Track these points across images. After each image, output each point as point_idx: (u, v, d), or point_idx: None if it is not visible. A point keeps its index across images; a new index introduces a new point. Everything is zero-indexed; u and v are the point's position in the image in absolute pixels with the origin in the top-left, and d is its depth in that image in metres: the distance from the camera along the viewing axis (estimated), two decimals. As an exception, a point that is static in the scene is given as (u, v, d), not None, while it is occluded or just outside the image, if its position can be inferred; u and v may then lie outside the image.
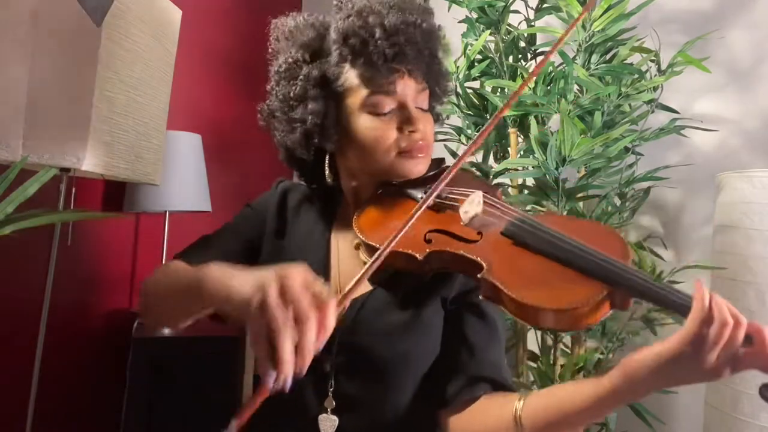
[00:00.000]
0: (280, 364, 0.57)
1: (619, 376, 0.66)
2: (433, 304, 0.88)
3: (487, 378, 0.83)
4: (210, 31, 2.37)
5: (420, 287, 0.87)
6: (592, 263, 0.68)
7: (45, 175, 1.09)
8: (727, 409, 1.30)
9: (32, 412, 1.42)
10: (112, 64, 1.31)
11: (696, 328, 0.60)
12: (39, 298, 1.43)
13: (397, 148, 0.87)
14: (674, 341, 0.62)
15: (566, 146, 1.31)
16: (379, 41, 0.83)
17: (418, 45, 0.85)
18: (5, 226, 1.03)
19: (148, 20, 1.43)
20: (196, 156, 2.10)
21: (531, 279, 0.71)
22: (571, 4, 1.39)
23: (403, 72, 0.86)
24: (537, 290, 0.69)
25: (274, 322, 0.58)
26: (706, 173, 1.60)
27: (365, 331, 0.85)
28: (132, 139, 1.41)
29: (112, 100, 1.32)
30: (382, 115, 0.87)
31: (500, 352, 0.87)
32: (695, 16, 1.72)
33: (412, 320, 0.85)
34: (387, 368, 0.85)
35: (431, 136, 0.91)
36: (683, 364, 0.62)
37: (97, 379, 2.00)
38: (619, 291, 0.67)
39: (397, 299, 0.87)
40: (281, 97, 0.91)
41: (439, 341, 0.88)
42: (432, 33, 0.89)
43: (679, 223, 1.73)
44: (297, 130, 0.89)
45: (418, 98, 0.89)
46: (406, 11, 0.86)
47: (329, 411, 0.85)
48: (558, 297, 0.67)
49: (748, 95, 1.63)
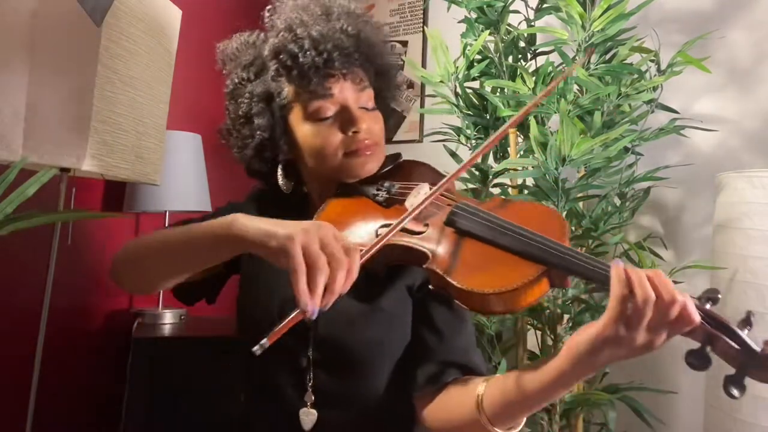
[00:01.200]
0: (314, 296, 0.65)
1: (564, 358, 0.68)
2: (396, 292, 0.91)
3: (456, 363, 0.85)
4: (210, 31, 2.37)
5: (382, 278, 0.90)
6: (525, 245, 0.72)
7: (45, 175, 1.09)
8: (727, 409, 1.30)
9: (32, 412, 1.42)
10: (112, 64, 1.31)
11: (617, 306, 0.63)
12: (39, 298, 1.43)
13: (343, 150, 0.90)
14: (603, 321, 0.64)
15: (566, 146, 1.31)
16: (308, 51, 0.87)
17: (347, 49, 0.89)
18: (5, 226, 1.03)
19: (148, 20, 1.43)
20: (196, 156, 2.10)
21: (470, 265, 0.74)
22: (570, 5, 1.39)
23: (338, 76, 0.89)
24: (476, 276, 0.72)
25: (314, 263, 0.67)
26: (706, 173, 1.60)
27: (333, 325, 0.88)
28: (132, 139, 1.41)
29: (112, 100, 1.32)
30: (325, 120, 0.90)
31: (469, 337, 0.90)
32: (695, 16, 1.72)
33: (374, 309, 0.89)
34: (357, 358, 0.88)
35: (379, 134, 0.94)
36: (617, 341, 0.64)
37: (97, 379, 2.00)
38: (554, 270, 0.70)
39: (361, 291, 0.88)
40: (232, 116, 0.97)
41: (408, 329, 0.91)
42: (361, 35, 0.92)
43: (679, 223, 1.73)
44: (249, 145, 0.95)
45: (361, 98, 0.92)
46: (333, 18, 0.91)
47: (309, 405, 0.88)
48: (495, 280, 0.70)
49: (748, 95, 1.63)
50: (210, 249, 0.81)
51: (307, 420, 0.88)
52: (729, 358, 0.63)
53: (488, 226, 0.76)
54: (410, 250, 0.79)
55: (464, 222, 0.79)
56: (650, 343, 0.64)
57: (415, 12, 2.50)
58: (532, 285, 0.70)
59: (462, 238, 0.78)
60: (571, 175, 1.49)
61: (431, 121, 2.33)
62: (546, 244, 0.71)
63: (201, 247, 0.82)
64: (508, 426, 0.77)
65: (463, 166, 0.87)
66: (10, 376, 1.66)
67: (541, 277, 0.70)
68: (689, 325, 0.62)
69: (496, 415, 0.76)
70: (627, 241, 1.53)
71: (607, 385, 1.54)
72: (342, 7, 0.94)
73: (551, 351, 1.49)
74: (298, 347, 0.89)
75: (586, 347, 0.66)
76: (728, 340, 0.62)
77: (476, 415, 0.77)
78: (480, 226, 0.77)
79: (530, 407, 0.74)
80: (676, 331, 0.63)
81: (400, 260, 0.82)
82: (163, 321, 1.98)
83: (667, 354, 1.70)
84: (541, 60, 1.63)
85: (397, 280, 0.91)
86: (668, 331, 0.63)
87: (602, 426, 1.55)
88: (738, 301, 1.28)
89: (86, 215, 1.82)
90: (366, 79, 0.93)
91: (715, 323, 0.63)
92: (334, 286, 0.67)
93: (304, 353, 0.89)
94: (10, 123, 1.17)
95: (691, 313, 0.62)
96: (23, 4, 1.19)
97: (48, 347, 1.45)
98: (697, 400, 1.48)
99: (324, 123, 0.90)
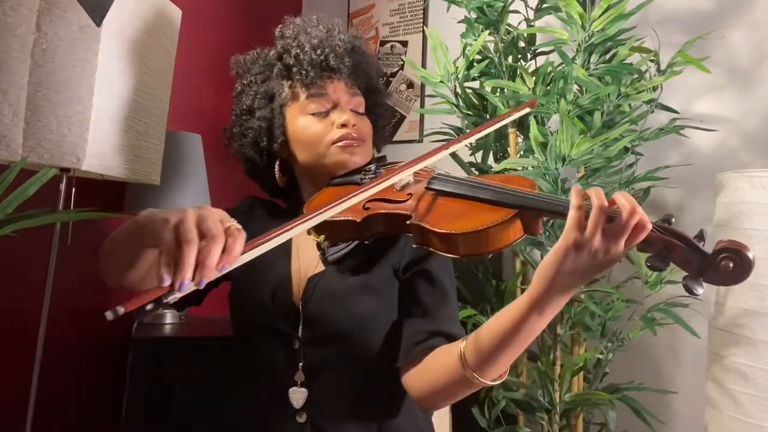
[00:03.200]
0: (180, 269, 0.62)
1: (535, 282, 0.73)
2: (383, 271, 0.97)
3: (442, 332, 0.90)
4: (210, 31, 2.37)
5: (368, 258, 0.97)
6: (497, 195, 0.81)
7: (45, 175, 1.09)
8: (727, 409, 1.30)
9: (32, 412, 1.42)
10: (112, 63, 1.31)
11: (574, 213, 0.68)
12: (39, 298, 1.43)
13: (331, 139, 1.00)
14: (564, 231, 0.69)
15: (566, 146, 1.31)
16: (308, 53, 1.01)
17: (342, 54, 1.03)
18: (5, 226, 1.03)
19: (148, 20, 1.43)
20: (196, 156, 2.10)
21: (450, 215, 0.82)
22: (570, 5, 1.39)
23: (332, 76, 1.02)
24: (455, 222, 0.80)
25: (184, 236, 0.64)
26: (706, 173, 1.60)
27: (323, 303, 0.94)
28: (132, 139, 1.41)
29: (112, 100, 1.32)
30: (319, 115, 1.02)
31: (452, 310, 0.96)
32: (695, 16, 1.72)
33: (362, 285, 0.95)
34: (346, 333, 0.93)
35: (366, 133, 1.05)
36: (577, 247, 0.69)
37: (97, 379, 2.00)
38: (524, 211, 0.78)
39: (348, 271, 0.97)
40: (237, 113, 1.09)
41: (395, 307, 0.97)
42: (355, 48, 1.06)
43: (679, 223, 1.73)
44: (248, 135, 1.06)
45: (352, 101, 1.05)
46: (333, 33, 1.05)
47: (299, 384, 0.93)
48: (472, 222, 0.78)
49: (748, 95, 1.63)
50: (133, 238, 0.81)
51: (296, 398, 0.92)
52: (686, 264, 0.71)
53: (464, 184, 0.86)
54: (394, 216, 0.87)
55: (442, 184, 0.88)
56: (609, 250, 0.68)
57: (415, 12, 2.50)
58: (506, 225, 0.77)
59: (441, 197, 0.87)
60: (571, 175, 1.49)
61: (431, 121, 2.33)
62: (515, 191, 0.80)
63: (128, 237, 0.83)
64: (495, 375, 0.80)
65: (443, 146, 0.92)
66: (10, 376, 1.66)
67: (513, 218, 0.77)
68: (643, 229, 0.68)
69: (480, 364, 0.79)
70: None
71: (607, 385, 1.54)
72: (342, 27, 1.07)
73: (551, 351, 1.50)
74: (289, 329, 0.94)
75: (550, 260, 0.71)
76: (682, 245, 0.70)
77: (461, 370, 0.80)
78: (457, 186, 0.87)
79: (512, 346, 0.77)
80: (633, 237, 0.68)
81: (386, 230, 0.89)
82: (163, 321, 1.98)
83: (667, 354, 1.70)
84: (541, 60, 1.63)
85: (384, 261, 0.98)
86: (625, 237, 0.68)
87: (602, 426, 1.55)
88: (738, 301, 1.28)
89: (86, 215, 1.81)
90: (357, 88, 1.06)
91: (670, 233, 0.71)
92: (206, 260, 0.64)
93: (294, 334, 0.94)
94: (10, 123, 1.17)
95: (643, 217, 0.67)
96: (24, 4, 1.19)
97: (48, 347, 1.45)
98: (697, 400, 1.48)
99: (319, 117, 1.02)
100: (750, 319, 1.27)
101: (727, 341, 1.31)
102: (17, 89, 1.18)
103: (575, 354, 1.52)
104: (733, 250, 0.68)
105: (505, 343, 0.76)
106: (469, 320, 1.53)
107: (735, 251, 0.68)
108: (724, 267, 0.68)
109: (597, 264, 0.69)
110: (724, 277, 0.69)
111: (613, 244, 0.68)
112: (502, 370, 0.81)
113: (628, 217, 0.67)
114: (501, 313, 0.78)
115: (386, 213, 0.88)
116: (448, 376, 0.83)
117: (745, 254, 0.68)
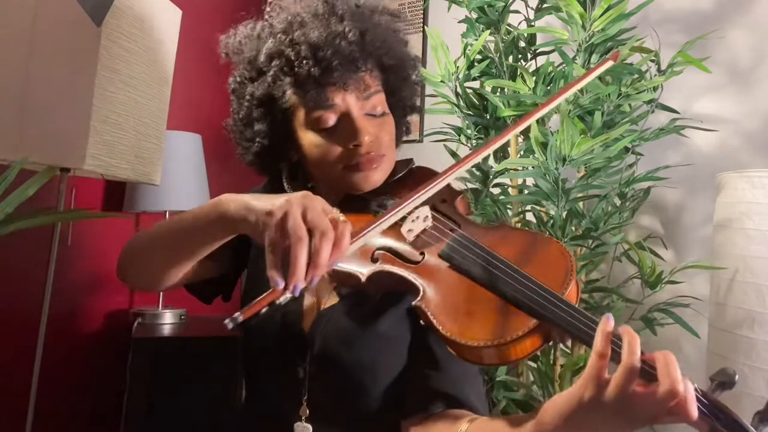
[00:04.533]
0: (294, 271, 0.59)
1: (545, 414, 0.62)
2: (396, 314, 0.85)
3: (446, 394, 0.80)
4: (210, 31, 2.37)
5: (384, 297, 0.85)
6: (520, 295, 0.65)
7: (45, 175, 1.09)
8: (727, 409, 1.30)
9: (32, 412, 1.42)
10: (112, 64, 1.31)
11: (595, 362, 0.55)
12: (39, 298, 1.43)
13: (344, 163, 0.84)
14: (581, 380, 0.57)
15: (566, 146, 1.31)
16: (305, 60, 0.81)
17: (348, 56, 0.81)
18: (5, 226, 1.03)
19: (148, 20, 1.43)
20: (196, 156, 2.10)
21: (458, 309, 0.68)
22: (570, 4, 1.39)
23: (338, 85, 0.82)
24: (460, 323, 0.66)
25: (294, 233, 0.61)
26: (706, 173, 1.60)
27: (331, 340, 0.85)
28: (132, 139, 1.41)
29: (112, 100, 1.32)
30: (328, 130, 0.84)
31: (466, 370, 0.83)
32: (695, 16, 1.71)
33: (371, 330, 0.84)
34: (350, 378, 0.84)
35: (387, 143, 0.87)
36: (594, 406, 0.56)
37: (97, 379, 2.00)
38: (547, 324, 0.63)
39: (360, 309, 0.86)
40: (234, 118, 0.92)
41: (405, 352, 0.86)
42: (366, 36, 0.84)
43: (679, 223, 1.73)
44: (250, 150, 0.91)
45: (367, 105, 0.86)
46: (335, 19, 0.83)
47: (303, 419, 0.85)
48: (482, 331, 0.65)
49: (748, 95, 1.63)
50: (202, 231, 0.77)
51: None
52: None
53: (484, 266, 0.70)
54: (403, 280, 0.74)
55: (460, 258, 0.73)
56: (634, 420, 0.55)
57: (416, 12, 2.50)
58: (523, 339, 0.63)
59: (455, 275, 0.72)
60: (571, 175, 1.49)
61: (431, 121, 2.33)
62: (543, 297, 0.63)
63: (194, 230, 0.78)
64: None
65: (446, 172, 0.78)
66: (10, 375, 1.66)
67: (532, 332, 0.64)
68: (685, 419, 0.54)
69: None
70: (627, 241, 1.53)
71: (607, 385, 1.54)
72: (347, 4, 0.86)
73: (551, 351, 1.49)
74: (296, 358, 0.87)
75: (563, 408, 0.59)
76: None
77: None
78: (476, 266, 0.71)
79: None
80: (670, 419, 0.54)
81: (395, 288, 0.77)
82: (163, 321, 1.98)
83: (667, 354, 1.70)
84: (541, 60, 1.63)
85: (398, 303, 0.86)
86: (658, 414, 0.54)
87: (602, 426, 1.55)
88: (739, 302, 1.28)
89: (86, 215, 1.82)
90: (374, 83, 0.86)
91: (722, 416, 0.55)
92: (318, 259, 0.60)
93: (301, 364, 0.86)
94: (10, 123, 1.17)
95: (689, 408, 0.53)
96: (24, 4, 1.19)
97: (48, 347, 1.45)
98: (697, 400, 1.47)
99: (325, 132, 0.84)
100: (751, 319, 1.27)
101: (727, 342, 1.31)
102: (17, 89, 1.18)
103: (575, 354, 1.52)
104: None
105: None
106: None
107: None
108: None
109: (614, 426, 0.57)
110: None
111: (642, 415, 0.54)
112: None
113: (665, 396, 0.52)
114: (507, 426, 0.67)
115: (397, 276, 0.74)
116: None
117: None
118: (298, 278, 0.60)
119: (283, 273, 0.60)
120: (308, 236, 0.61)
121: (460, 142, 1.67)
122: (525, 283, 0.66)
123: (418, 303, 0.71)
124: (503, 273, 0.68)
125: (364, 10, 0.87)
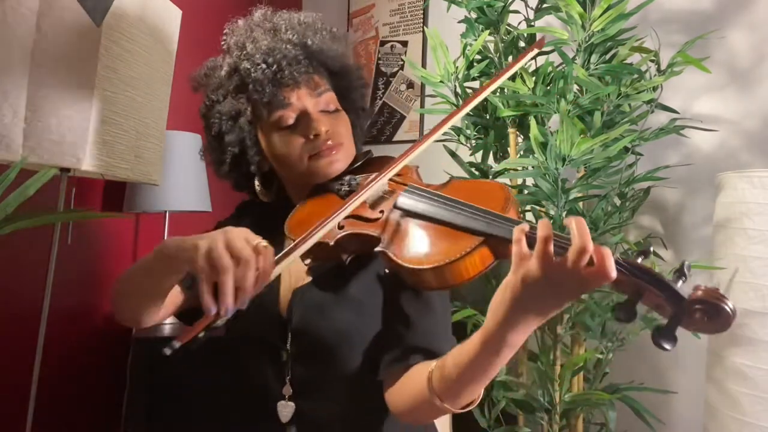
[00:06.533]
0: (223, 298, 0.67)
1: (487, 319, 0.68)
2: (366, 280, 0.93)
3: (421, 348, 0.86)
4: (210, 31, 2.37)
5: (354, 266, 0.92)
6: (462, 218, 0.76)
7: (45, 175, 1.09)
8: (727, 409, 1.30)
9: (32, 412, 1.42)
10: (112, 64, 1.31)
11: (517, 247, 0.63)
12: (39, 298, 1.43)
13: (308, 153, 0.94)
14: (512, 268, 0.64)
15: (566, 146, 1.31)
16: (259, 66, 0.93)
17: (295, 57, 0.94)
18: (5, 226, 1.03)
19: (148, 20, 1.43)
20: (196, 156, 2.09)
21: (415, 244, 0.78)
22: (570, 4, 1.39)
23: (291, 85, 0.94)
24: (419, 253, 0.76)
25: (218, 263, 0.69)
26: (706, 173, 1.60)
27: (307, 312, 0.92)
28: (132, 139, 1.41)
29: (112, 100, 1.32)
30: (289, 128, 0.95)
31: (436, 323, 0.90)
32: (695, 16, 1.72)
33: (343, 296, 0.91)
34: (328, 346, 0.90)
35: (344, 134, 0.98)
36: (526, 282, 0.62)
37: (97, 379, 2.00)
38: (491, 239, 0.72)
39: (332, 281, 0.93)
40: (207, 138, 1.03)
41: (379, 316, 0.92)
42: (307, 43, 0.97)
43: (679, 223, 1.73)
44: (225, 161, 1.00)
45: (320, 102, 0.97)
46: (280, 33, 0.97)
47: (287, 398, 0.91)
48: (436, 255, 0.74)
49: (748, 95, 1.63)
50: (155, 271, 0.85)
51: (284, 412, 0.91)
52: (659, 309, 0.61)
53: (432, 204, 0.81)
54: (361, 236, 0.83)
55: (411, 203, 0.83)
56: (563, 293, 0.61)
57: (415, 12, 2.50)
58: (472, 254, 0.73)
59: (410, 218, 0.82)
60: (571, 175, 1.49)
61: (431, 121, 2.34)
62: (483, 215, 0.74)
63: (149, 271, 0.86)
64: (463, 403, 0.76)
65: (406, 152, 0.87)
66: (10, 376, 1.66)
67: (480, 247, 0.73)
68: (606, 277, 0.58)
69: (445, 392, 0.76)
70: (627, 241, 1.53)
71: (607, 385, 1.54)
72: (288, 21, 0.99)
73: (551, 351, 1.50)
74: (278, 342, 0.93)
75: (498, 297, 0.66)
76: (656, 291, 0.60)
77: (428, 395, 0.77)
78: (424, 206, 0.82)
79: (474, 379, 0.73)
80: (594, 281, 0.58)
81: (357, 249, 0.86)
82: (163, 321, 1.98)
83: (667, 354, 1.70)
84: (541, 60, 1.63)
85: (368, 269, 0.93)
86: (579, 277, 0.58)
87: (602, 426, 1.55)
88: (738, 301, 1.28)
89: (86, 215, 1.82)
90: (323, 83, 0.98)
91: (641, 274, 0.60)
92: (243, 283, 0.68)
93: (283, 347, 0.92)
94: (10, 123, 1.17)
95: (606, 266, 0.57)
96: (24, 4, 1.19)
97: (48, 347, 1.45)
98: (697, 400, 1.48)
99: (287, 131, 0.95)
100: (750, 319, 1.27)
101: (727, 341, 1.31)
102: (17, 89, 1.18)
103: (575, 354, 1.52)
104: (708, 302, 0.57)
105: (466, 375, 0.73)
106: (469, 320, 1.53)
107: (711, 305, 0.57)
108: (699, 318, 0.58)
109: (547, 302, 0.62)
110: (699, 327, 0.59)
111: (567, 282, 0.59)
112: (469, 399, 0.76)
113: (575, 258, 0.58)
114: (461, 346, 0.74)
115: (358, 234, 0.84)
116: (418, 399, 0.80)
117: (722, 308, 0.57)
118: (228, 304, 0.67)
119: (215, 300, 0.68)
120: (234, 264, 0.69)
121: (460, 142, 1.68)
122: (467, 210, 0.77)
123: (381, 248, 0.80)
124: (448, 206, 0.79)
125: (305, 26, 1.00)
